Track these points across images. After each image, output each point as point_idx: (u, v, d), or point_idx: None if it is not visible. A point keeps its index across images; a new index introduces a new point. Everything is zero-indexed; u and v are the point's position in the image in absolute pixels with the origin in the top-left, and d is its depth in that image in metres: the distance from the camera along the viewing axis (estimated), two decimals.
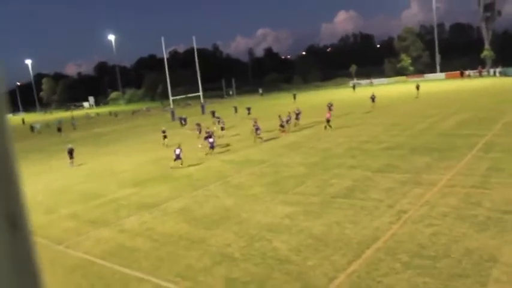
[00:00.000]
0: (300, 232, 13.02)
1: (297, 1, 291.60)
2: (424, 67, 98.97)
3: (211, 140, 27.54)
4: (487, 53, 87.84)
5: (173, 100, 61.57)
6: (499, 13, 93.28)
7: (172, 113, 59.18)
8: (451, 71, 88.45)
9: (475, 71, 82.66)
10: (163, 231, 14.65)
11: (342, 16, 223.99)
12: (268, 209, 15.56)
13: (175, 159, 24.80)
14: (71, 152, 28.78)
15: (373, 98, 43.58)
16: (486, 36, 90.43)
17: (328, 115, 31.67)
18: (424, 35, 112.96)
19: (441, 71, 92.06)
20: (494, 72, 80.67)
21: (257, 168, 22.54)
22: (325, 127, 31.37)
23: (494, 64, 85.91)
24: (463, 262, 10.05)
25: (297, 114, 36.27)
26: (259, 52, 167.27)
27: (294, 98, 68.46)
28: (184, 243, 13.31)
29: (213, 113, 49.20)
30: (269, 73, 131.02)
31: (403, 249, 11.03)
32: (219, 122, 38.44)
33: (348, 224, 13.25)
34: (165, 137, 33.67)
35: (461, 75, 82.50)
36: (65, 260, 13.13)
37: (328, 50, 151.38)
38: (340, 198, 15.81)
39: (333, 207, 14.90)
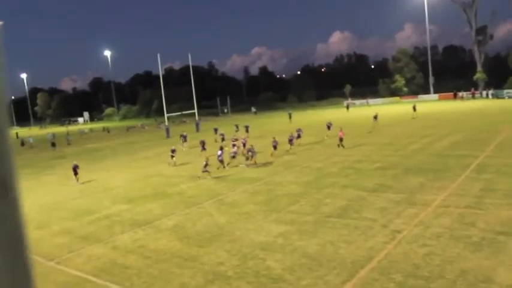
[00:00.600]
0: (293, 251, 12.94)
1: (293, 21, 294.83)
2: (417, 88, 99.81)
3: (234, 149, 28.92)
4: (479, 75, 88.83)
5: (168, 117, 61.55)
6: (491, 37, 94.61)
7: (167, 130, 59.14)
8: (444, 92, 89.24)
9: (468, 92, 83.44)
10: (156, 248, 14.51)
11: (336, 36, 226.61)
12: (261, 228, 15.48)
13: (203, 171, 25.39)
14: (75, 169, 28.10)
15: (375, 117, 43.91)
16: (478, 59, 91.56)
17: (340, 134, 31.56)
18: (418, 56, 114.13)
19: (434, 92, 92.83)
20: (487, 94, 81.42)
21: (251, 186, 22.48)
22: (338, 145, 31.32)
23: (487, 86, 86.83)
24: (457, 283, 10.01)
25: (298, 135, 35.78)
26: (255, 71, 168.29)
27: (290, 117, 67.48)
28: (177, 260, 13.19)
29: (215, 130, 48.96)
30: (264, 92, 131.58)
31: (397, 269, 10.97)
32: (223, 139, 38.38)
33: (342, 243, 13.19)
34: (173, 156, 31.75)
35: (455, 96, 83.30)
36: (56, 277, 12.95)
37: (323, 69, 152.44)
38: (334, 218, 15.77)
39: (327, 227, 14.84)
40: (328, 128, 38.71)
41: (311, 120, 63.35)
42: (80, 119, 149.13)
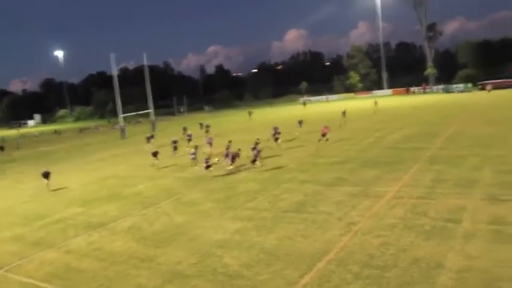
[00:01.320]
0: (251, 247, 12.93)
1: (247, 19, 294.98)
2: (372, 84, 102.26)
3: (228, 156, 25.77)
4: (430, 70, 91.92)
5: (123, 117, 60.33)
6: (441, 33, 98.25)
7: (123, 131, 57.98)
8: (397, 87, 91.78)
9: (419, 87, 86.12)
10: (112, 250, 14.18)
11: (292, 34, 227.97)
12: (219, 225, 15.39)
13: (206, 168, 24.21)
14: (46, 175, 26.30)
15: (344, 113, 44.81)
16: (429, 55, 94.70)
17: (324, 130, 31.56)
18: (372, 53, 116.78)
19: (388, 88, 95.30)
20: (438, 89, 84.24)
21: (209, 184, 22.33)
22: (319, 140, 31.08)
23: (437, 81, 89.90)
24: (410, 270, 10.28)
25: (275, 134, 33.27)
26: (211, 69, 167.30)
27: (250, 115, 67.20)
28: (134, 262, 12.93)
29: (184, 129, 47.78)
30: (220, 90, 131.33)
31: (354, 260, 11.16)
32: (189, 140, 37.86)
33: (299, 237, 13.29)
34: (155, 157, 28.84)
35: (407, 91, 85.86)
36: (5, 285, 12.43)
37: (279, 67, 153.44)
38: (292, 213, 15.88)
39: (284, 222, 14.92)
40: (300, 125, 38.65)
41: (272, 117, 63.56)
42: (31, 122, 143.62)
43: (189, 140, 37.62)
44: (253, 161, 25.25)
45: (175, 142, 35.06)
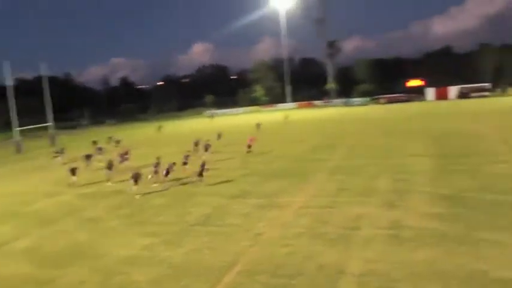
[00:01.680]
0: (159, 263, 12.59)
1: (152, 32, 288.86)
2: (276, 97, 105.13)
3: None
4: (331, 85, 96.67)
5: (19, 131, 56.28)
6: (340, 50, 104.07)
7: (19, 145, 54.03)
8: (301, 100, 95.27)
9: (322, 101, 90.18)
10: (4, 275, 13.05)
11: (198, 48, 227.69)
12: (126, 242, 14.82)
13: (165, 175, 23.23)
14: None
15: (258, 125, 46.11)
16: (330, 70, 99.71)
17: (249, 141, 31.55)
18: (276, 67, 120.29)
19: (292, 101, 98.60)
20: (338, 102, 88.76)
21: (114, 200, 21.45)
22: (248, 152, 31.12)
23: (338, 95, 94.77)
24: (316, 277, 10.62)
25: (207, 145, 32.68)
26: (115, 81, 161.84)
27: (159, 128, 62.83)
28: (30, 286, 12.00)
29: (94, 142, 45.07)
30: (125, 103, 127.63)
31: (262, 271, 11.28)
32: (100, 152, 35.94)
33: (207, 250, 13.18)
34: (73, 174, 26.13)
35: (311, 104, 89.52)
36: None
37: (184, 80, 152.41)
38: (199, 226, 15.73)
39: (192, 235, 14.73)
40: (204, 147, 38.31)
41: (184, 131, 62.80)
42: None
43: (99, 154, 36.00)
44: (200, 175, 23.71)
45: (88, 157, 32.96)
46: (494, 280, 9.82)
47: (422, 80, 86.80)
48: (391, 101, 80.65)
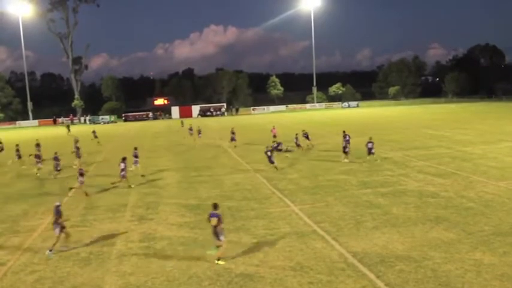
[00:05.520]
0: None
1: None
2: (16, 114, 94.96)
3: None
4: (77, 102, 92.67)
5: None
6: (86, 67, 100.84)
7: None
8: (44, 118, 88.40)
9: (67, 118, 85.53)
10: None
11: None
12: None
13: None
14: None
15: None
16: (76, 87, 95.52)
17: None
18: (15, 82, 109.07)
19: (34, 118, 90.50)
20: (85, 120, 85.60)
21: None
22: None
23: (84, 112, 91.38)
24: None
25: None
26: None
27: None
28: None
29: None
30: None
31: None
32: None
33: None
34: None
35: (55, 122, 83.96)
36: None
37: None
38: None
39: None
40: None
41: None
42: None
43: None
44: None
45: None
46: (238, 275, 11.10)
47: (166, 99, 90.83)
48: (137, 119, 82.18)
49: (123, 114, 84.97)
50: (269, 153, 24.67)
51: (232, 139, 35.49)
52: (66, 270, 11.91)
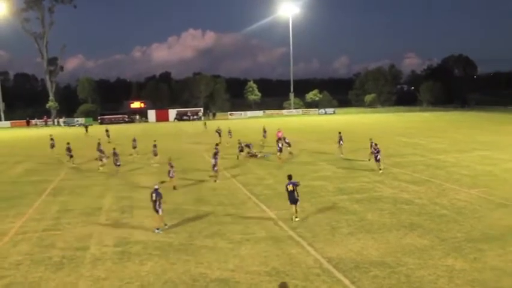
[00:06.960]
0: None
1: None
2: None
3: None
4: (51, 103, 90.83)
5: None
6: (62, 68, 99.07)
7: None
8: (16, 119, 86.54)
9: (41, 120, 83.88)
10: None
11: None
12: None
13: None
14: None
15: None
16: (50, 88, 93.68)
17: None
18: None
19: (6, 120, 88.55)
20: (59, 122, 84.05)
21: None
22: None
23: (59, 114, 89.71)
24: None
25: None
26: None
27: None
28: None
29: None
30: None
31: None
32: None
33: None
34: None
35: (28, 124, 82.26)
36: None
37: None
38: None
39: None
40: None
41: None
42: None
43: None
44: None
45: None
46: (213, 280, 11.04)
47: (143, 102, 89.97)
48: (113, 122, 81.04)
49: (99, 117, 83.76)
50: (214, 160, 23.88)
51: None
52: (38, 275, 11.65)
